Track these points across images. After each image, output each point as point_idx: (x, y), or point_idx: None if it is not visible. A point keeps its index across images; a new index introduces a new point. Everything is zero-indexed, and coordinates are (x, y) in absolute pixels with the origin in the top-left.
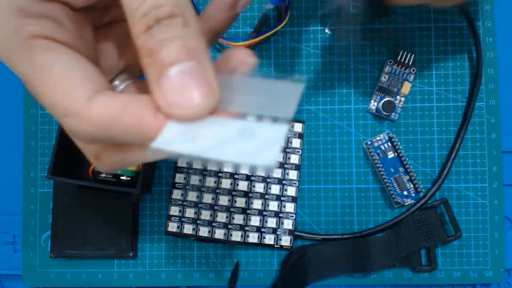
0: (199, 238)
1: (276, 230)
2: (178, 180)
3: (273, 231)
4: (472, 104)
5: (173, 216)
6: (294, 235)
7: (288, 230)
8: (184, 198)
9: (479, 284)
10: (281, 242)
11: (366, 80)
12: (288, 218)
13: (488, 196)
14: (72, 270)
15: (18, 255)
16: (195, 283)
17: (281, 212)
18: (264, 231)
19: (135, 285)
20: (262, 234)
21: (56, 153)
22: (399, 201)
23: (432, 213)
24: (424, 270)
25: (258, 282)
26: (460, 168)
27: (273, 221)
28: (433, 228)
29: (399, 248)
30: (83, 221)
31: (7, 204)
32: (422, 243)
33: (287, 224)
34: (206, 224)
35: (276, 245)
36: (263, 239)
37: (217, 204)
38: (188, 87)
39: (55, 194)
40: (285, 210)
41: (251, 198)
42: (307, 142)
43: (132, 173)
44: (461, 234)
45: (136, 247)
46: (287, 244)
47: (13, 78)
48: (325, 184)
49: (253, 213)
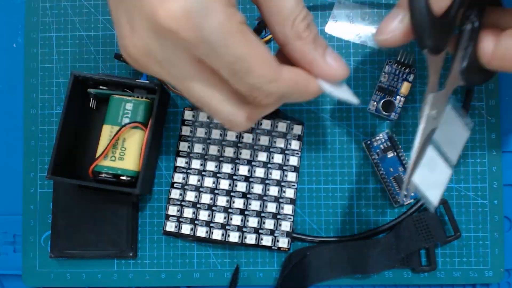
0: (197, 238)
1: (273, 232)
2: (176, 180)
3: (271, 233)
4: (467, 104)
5: (171, 216)
6: (292, 237)
7: (286, 232)
8: (182, 198)
9: (479, 284)
10: (278, 244)
11: (366, 80)
12: (286, 220)
13: (488, 196)
14: (72, 270)
15: (18, 255)
16: (195, 283)
17: (279, 213)
18: (261, 232)
19: (135, 285)
20: (260, 236)
21: (56, 153)
22: (398, 200)
23: (432, 214)
24: (424, 270)
25: (258, 282)
26: (460, 168)
27: (271, 223)
28: (432, 229)
29: (399, 249)
30: (83, 221)
31: (7, 204)
32: (422, 244)
33: (285, 226)
34: (204, 225)
35: (274, 247)
36: (261, 241)
37: (215, 204)
38: (339, 59)
39: (55, 194)
40: (283, 212)
41: (249, 199)
42: (307, 142)
43: (132, 173)
44: (460, 234)
45: (136, 247)
46: (285, 246)
47: (13, 78)
48: (325, 184)
49: (251, 214)
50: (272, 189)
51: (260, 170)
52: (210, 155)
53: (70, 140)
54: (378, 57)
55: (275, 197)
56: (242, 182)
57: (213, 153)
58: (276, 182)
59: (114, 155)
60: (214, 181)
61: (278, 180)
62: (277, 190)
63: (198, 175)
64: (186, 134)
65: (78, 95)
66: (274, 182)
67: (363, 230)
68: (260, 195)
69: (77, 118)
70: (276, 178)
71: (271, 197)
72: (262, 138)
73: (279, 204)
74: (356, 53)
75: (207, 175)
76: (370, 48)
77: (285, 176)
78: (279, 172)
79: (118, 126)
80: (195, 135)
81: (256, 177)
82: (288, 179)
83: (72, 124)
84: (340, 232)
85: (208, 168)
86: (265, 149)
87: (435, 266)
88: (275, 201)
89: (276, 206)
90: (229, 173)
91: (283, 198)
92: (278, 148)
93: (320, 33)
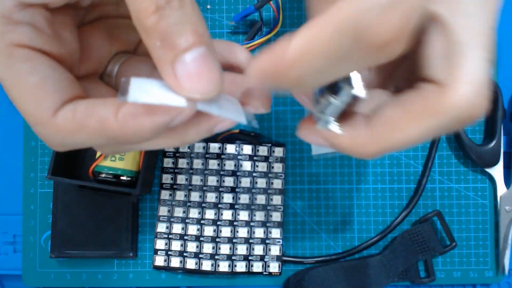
0: (187, 270)
1: (263, 257)
2: (162, 213)
3: (261, 258)
4: None
5: (159, 250)
6: (282, 260)
7: (276, 256)
8: (169, 231)
9: (479, 284)
10: (269, 269)
11: None
12: (275, 244)
13: (488, 196)
14: (72, 270)
15: (18, 255)
16: (195, 283)
17: (267, 238)
18: (251, 259)
19: (135, 285)
20: (250, 262)
21: (56, 153)
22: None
23: (427, 226)
24: (423, 282)
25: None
26: (460, 168)
27: (260, 248)
28: (428, 241)
29: (397, 264)
30: (83, 221)
31: (7, 204)
32: (419, 256)
33: (274, 250)
34: (193, 256)
35: (265, 272)
36: (251, 267)
37: (203, 235)
38: (202, 73)
39: (55, 194)
40: (272, 236)
41: (236, 227)
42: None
43: (132, 173)
44: (456, 244)
45: (136, 247)
46: (276, 270)
47: None
48: (325, 184)
49: (239, 241)
50: (259, 214)
51: (245, 196)
52: (194, 185)
53: None
54: None
55: (262, 222)
56: (228, 210)
57: (196, 183)
58: (262, 206)
59: (114, 155)
60: (200, 211)
61: (264, 204)
62: (263, 214)
63: (183, 206)
64: (168, 166)
65: None
66: (260, 207)
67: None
68: (247, 221)
69: None
70: (261, 203)
71: (258, 223)
72: (244, 163)
73: (267, 229)
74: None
75: (192, 205)
76: None
77: (270, 200)
78: (264, 196)
79: None
80: (177, 166)
81: (241, 203)
82: (273, 202)
83: None
84: (340, 232)
85: (192, 199)
86: (248, 175)
87: (434, 278)
88: (263, 226)
89: (264, 230)
90: (214, 202)
91: (270, 222)
92: (261, 173)
93: None
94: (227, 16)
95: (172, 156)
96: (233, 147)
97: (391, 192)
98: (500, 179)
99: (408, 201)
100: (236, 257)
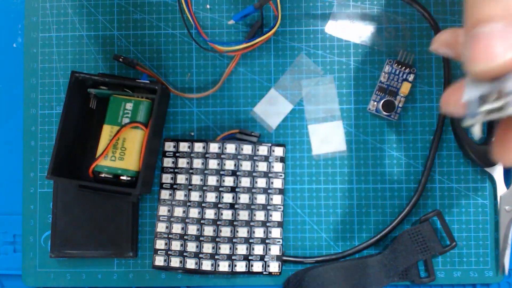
0: (187, 270)
1: (263, 257)
2: (162, 213)
3: (261, 258)
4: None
5: (159, 250)
6: (282, 260)
7: (276, 256)
8: (169, 231)
9: (479, 284)
10: (269, 268)
11: (366, 80)
12: (275, 244)
13: (488, 196)
14: (72, 270)
15: (18, 255)
16: (195, 283)
17: (267, 238)
18: (251, 258)
19: (135, 285)
20: (250, 262)
21: (56, 153)
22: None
23: (427, 226)
24: (423, 282)
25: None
26: (460, 168)
27: (260, 248)
28: (428, 241)
29: (397, 264)
30: (83, 221)
31: (7, 204)
32: (419, 256)
33: (274, 250)
34: (192, 256)
35: (265, 272)
36: (251, 267)
37: (203, 234)
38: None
39: (55, 194)
40: (272, 236)
41: (236, 227)
42: (307, 142)
43: (132, 173)
44: (456, 244)
45: (136, 247)
46: (276, 270)
47: (13, 78)
48: (325, 184)
49: (239, 241)
50: (258, 214)
51: (245, 196)
52: (194, 185)
53: (70, 140)
54: (378, 57)
55: (262, 221)
56: (228, 210)
57: (196, 183)
58: (261, 206)
59: (114, 155)
60: (200, 211)
61: (264, 204)
62: (263, 214)
63: (183, 206)
64: (168, 165)
65: (78, 95)
66: (260, 207)
67: (363, 230)
68: (247, 221)
69: (77, 118)
70: (261, 203)
71: (258, 222)
72: (244, 163)
73: (267, 228)
74: (356, 53)
75: (192, 205)
76: (370, 48)
77: (270, 200)
78: (264, 196)
79: (118, 126)
80: (177, 166)
81: (241, 203)
82: (273, 202)
83: (72, 124)
84: (340, 232)
85: (192, 199)
86: (248, 175)
87: (434, 277)
88: (263, 226)
89: (264, 230)
90: (213, 202)
91: (270, 222)
92: (261, 172)
93: (320, 33)
94: (227, 16)
95: (172, 156)
96: (233, 147)
97: (391, 192)
98: (500, 179)
99: (408, 201)
100: (236, 257)
